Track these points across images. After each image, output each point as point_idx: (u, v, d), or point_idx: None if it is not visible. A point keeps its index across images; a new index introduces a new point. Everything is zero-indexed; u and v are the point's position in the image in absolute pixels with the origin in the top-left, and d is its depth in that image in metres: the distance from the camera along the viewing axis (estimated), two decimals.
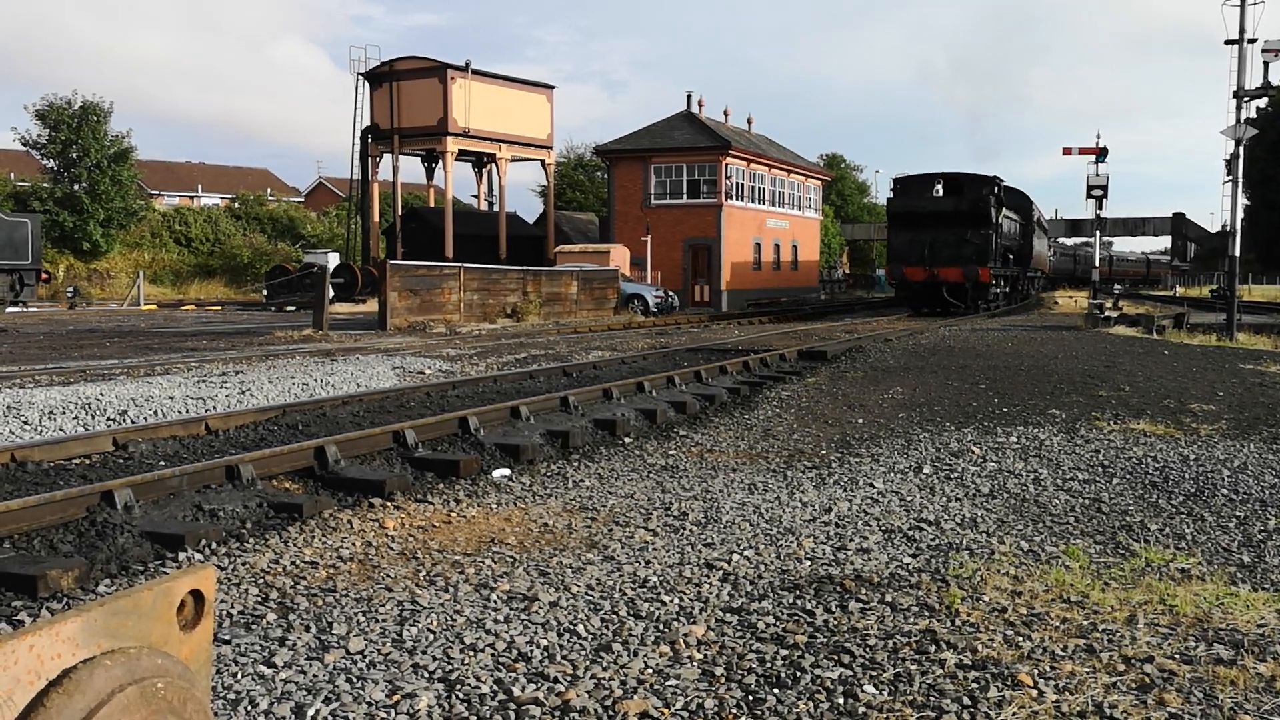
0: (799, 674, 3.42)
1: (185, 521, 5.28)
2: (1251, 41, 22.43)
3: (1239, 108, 22.28)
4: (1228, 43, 22.54)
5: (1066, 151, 40.83)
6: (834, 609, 4.04)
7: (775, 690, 3.30)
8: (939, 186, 33.85)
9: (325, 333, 20.07)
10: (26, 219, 31.21)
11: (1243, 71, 22.16)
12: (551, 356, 14.08)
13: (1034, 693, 3.26)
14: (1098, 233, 37.38)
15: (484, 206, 42.16)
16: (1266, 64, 24.25)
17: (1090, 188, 37.15)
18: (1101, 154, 37.95)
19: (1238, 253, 23.43)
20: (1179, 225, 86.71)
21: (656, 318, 29.43)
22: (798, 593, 4.25)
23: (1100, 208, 37.35)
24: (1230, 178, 23.72)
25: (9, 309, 29.29)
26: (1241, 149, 22.82)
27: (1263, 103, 44.39)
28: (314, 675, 3.41)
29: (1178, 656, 3.56)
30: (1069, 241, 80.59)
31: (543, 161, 39.30)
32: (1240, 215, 24.30)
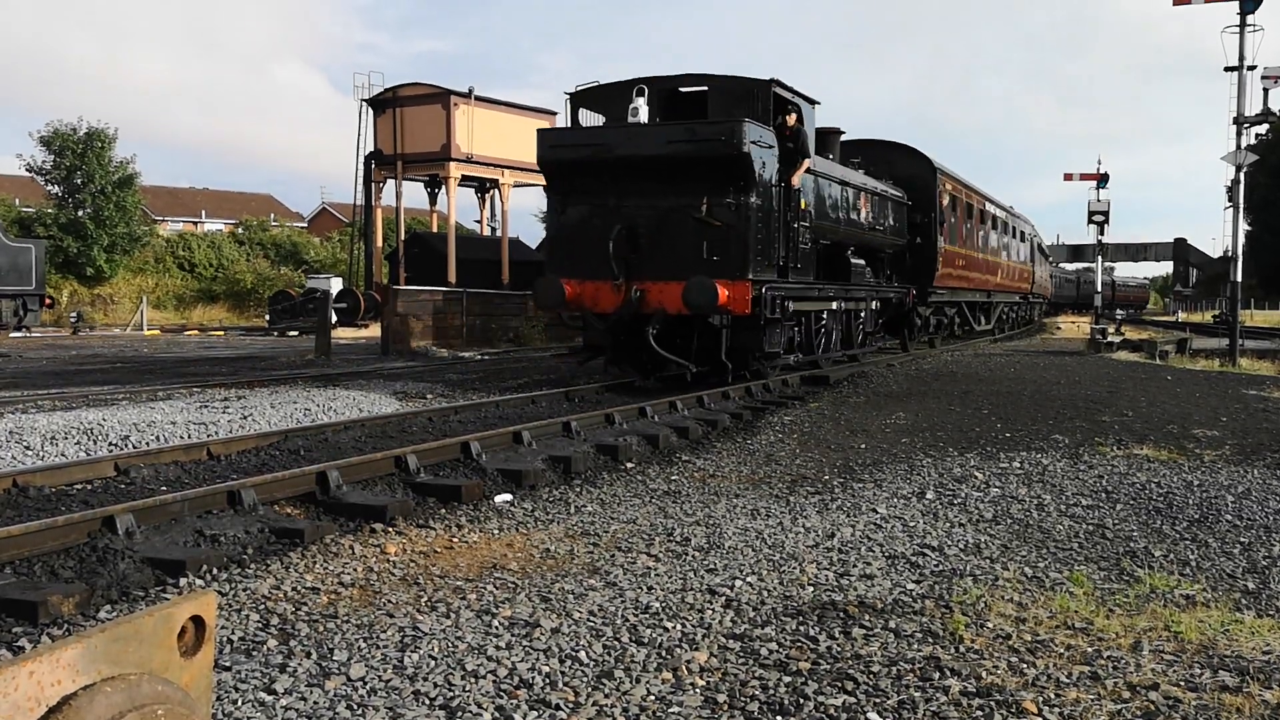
0: (802, 701, 3.40)
1: (186, 547, 5.27)
2: (1251, 68, 22.55)
3: (1239, 134, 22.36)
4: (1227, 69, 22.65)
5: (1068, 177, 40.94)
6: (837, 635, 4.02)
7: (778, 718, 3.29)
8: (641, 102, 13.09)
9: (328, 357, 20.09)
10: (31, 244, 31.29)
11: (1242, 98, 22.26)
12: (553, 381, 14.07)
13: None
14: (1099, 258, 37.43)
15: (487, 231, 42.38)
16: (1266, 91, 24.36)
17: (1092, 213, 37.23)
18: (1103, 179, 38.00)
19: (1239, 278, 23.45)
20: (1181, 250, 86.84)
21: None
22: (801, 619, 4.23)
23: (1102, 233, 37.41)
24: (1231, 203, 23.77)
25: (12, 334, 29.34)
26: (1242, 175, 22.89)
27: (1263, 129, 44.53)
28: (315, 702, 3.40)
29: (1183, 684, 3.54)
30: (1071, 267, 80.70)
31: (545, 187, 39.37)
32: (1242, 240, 24.33)
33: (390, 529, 5.80)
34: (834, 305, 15.39)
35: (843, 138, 17.51)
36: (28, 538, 4.98)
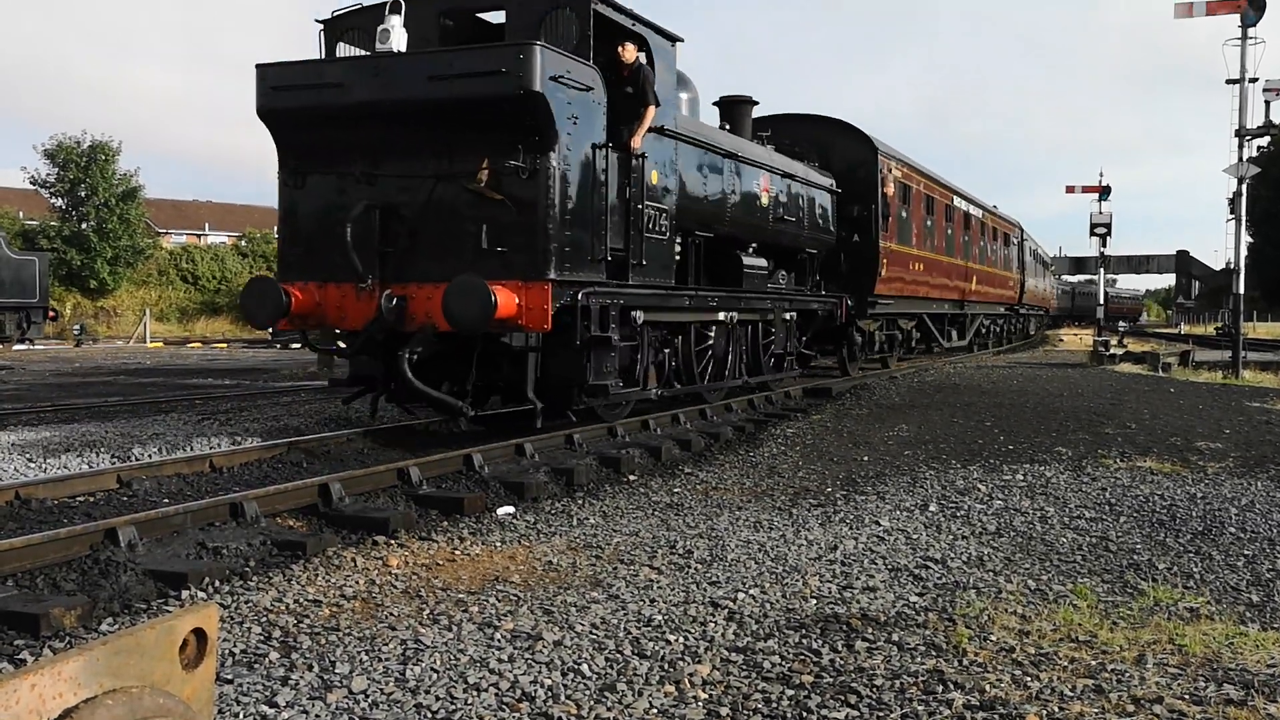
0: (805, 714, 3.38)
1: (189, 559, 5.26)
2: (1253, 81, 22.58)
3: (1240, 146, 22.38)
4: (1229, 82, 22.68)
5: (1070, 189, 40.99)
6: (840, 648, 4.01)
7: None
8: (395, 22, 8.94)
9: (330, 370, 20.07)
10: (35, 257, 31.38)
11: (1244, 110, 22.29)
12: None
13: None
14: (1102, 270, 37.44)
15: None
16: (1268, 103, 24.39)
17: (1094, 225, 37.24)
18: (1104, 192, 38.04)
19: (1242, 290, 23.44)
20: (1183, 263, 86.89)
21: None
22: (804, 632, 4.22)
23: (1104, 245, 37.42)
24: (1233, 216, 23.78)
25: (15, 346, 29.38)
26: (1244, 187, 22.90)
27: (1265, 141, 44.58)
28: (316, 715, 3.39)
29: (1187, 697, 3.52)
30: (1073, 279, 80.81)
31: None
32: (1244, 253, 24.33)
33: (392, 541, 5.79)
34: (721, 317, 11.66)
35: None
36: (30, 550, 4.98)
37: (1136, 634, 4.22)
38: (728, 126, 13.32)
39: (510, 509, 6.73)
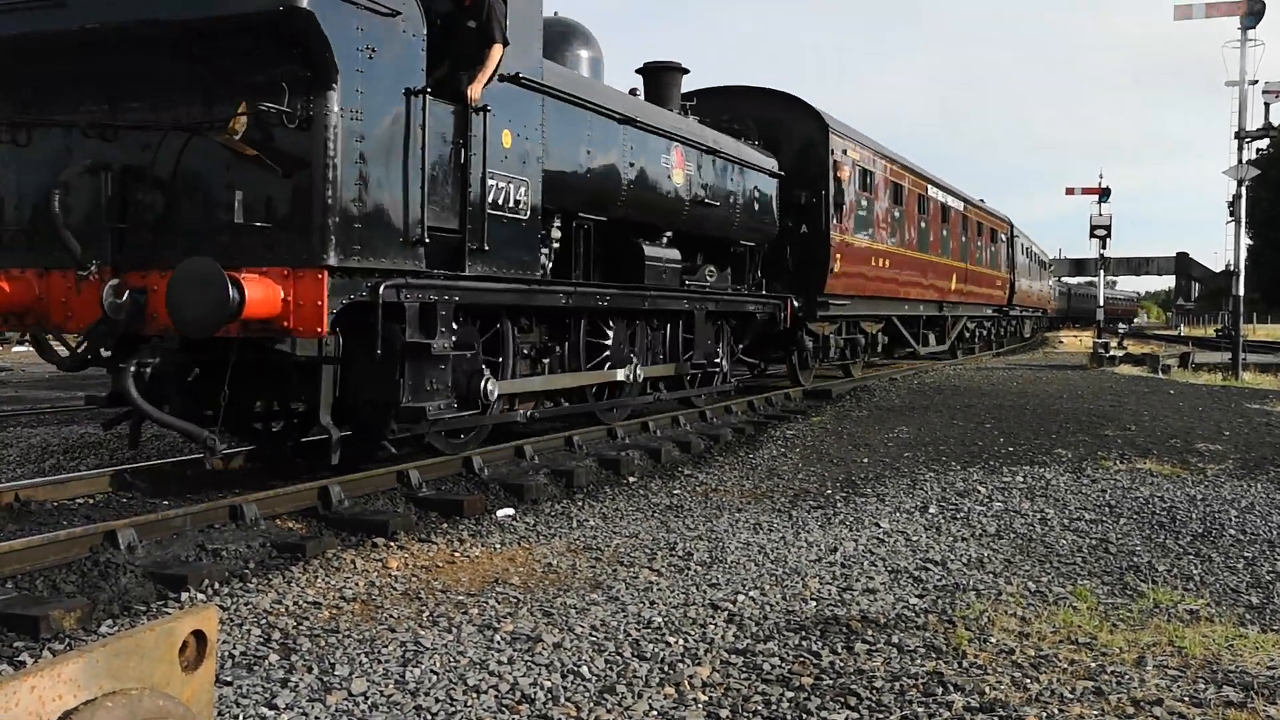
0: (805, 716, 3.38)
1: (188, 561, 5.26)
2: (1253, 83, 22.62)
3: (1240, 149, 22.41)
4: (1228, 84, 22.72)
5: (1070, 191, 41.04)
6: (840, 650, 4.01)
7: None
8: None
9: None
10: None
11: (1244, 113, 22.33)
12: None
13: None
14: (1101, 272, 37.46)
15: None
16: (1267, 105, 24.43)
17: (1094, 227, 37.25)
18: (1104, 193, 38.05)
19: (1242, 292, 23.47)
20: (1183, 265, 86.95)
21: None
22: (804, 634, 4.22)
23: (1104, 247, 37.43)
24: (1233, 218, 23.80)
25: (15, 348, 29.38)
26: (1244, 189, 22.92)
27: (1264, 143, 44.63)
28: (316, 717, 3.39)
29: (1187, 699, 3.52)
30: (1073, 281, 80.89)
31: None
32: (1244, 255, 24.35)
33: (392, 543, 5.79)
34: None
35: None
36: (30, 552, 4.97)
37: (1136, 636, 4.22)
38: (641, 96, 11.77)
39: (510, 511, 6.73)
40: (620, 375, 10.03)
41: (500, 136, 7.79)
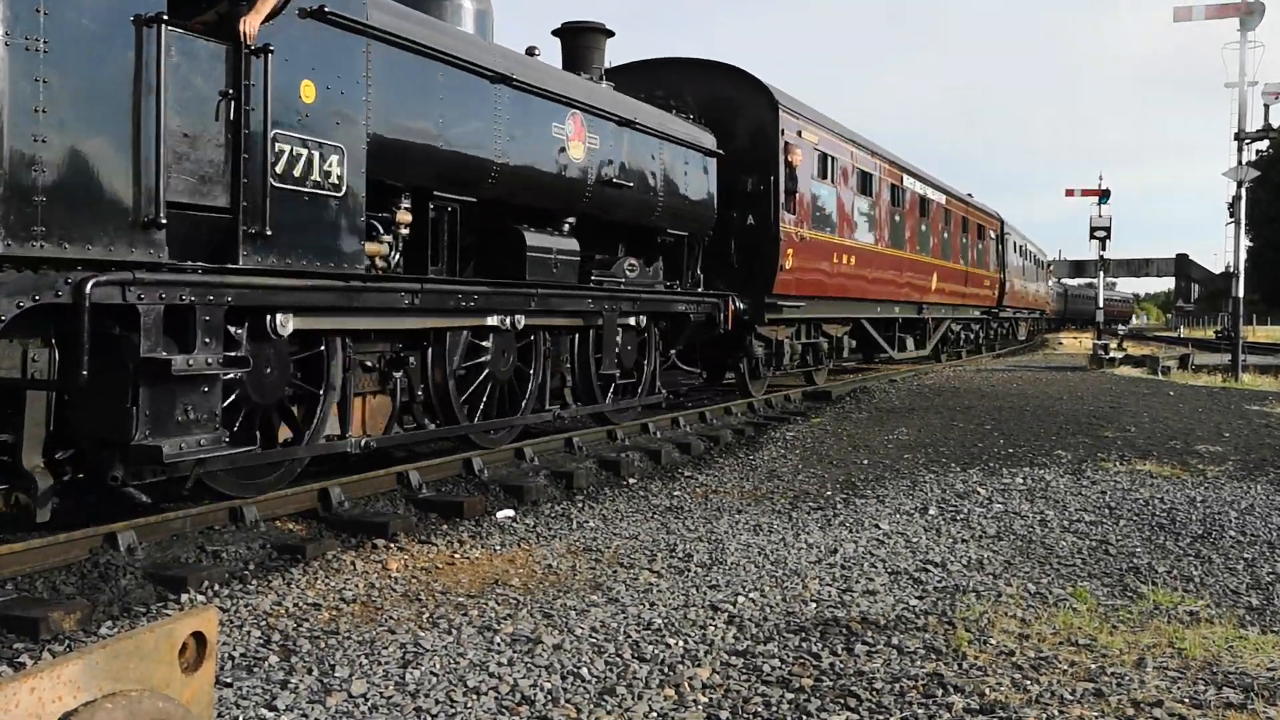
0: (805, 718, 3.38)
1: (188, 563, 5.26)
2: (1252, 84, 22.63)
3: (1240, 150, 22.42)
4: (1228, 85, 22.73)
5: (1069, 193, 41.05)
6: (840, 652, 4.01)
7: None
8: None
9: None
10: None
11: (1243, 114, 22.33)
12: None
13: None
14: (1101, 274, 37.46)
15: None
16: (1267, 107, 24.45)
17: (1093, 229, 37.24)
18: (1104, 195, 38.07)
19: (1241, 294, 23.47)
20: (1183, 266, 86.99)
21: None
22: (803, 635, 4.22)
23: (1104, 249, 37.44)
24: (1233, 219, 23.81)
25: None
26: (1244, 191, 22.93)
27: (1264, 145, 44.65)
28: (316, 718, 3.39)
29: (1187, 700, 3.52)
30: (1073, 282, 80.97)
31: None
32: (1244, 256, 24.36)
33: (392, 545, 5.79)
34: (493, 322, 8.06)
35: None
36: (30, 554, 4.97)
37: (1136, 637, 4.22)
38: (590, 76, 10.43)
39: (510, 512, 6.73)
40: (524, 389, 8.81)
41: (297, 88, 6.08)
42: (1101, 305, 36.61)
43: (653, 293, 10.68)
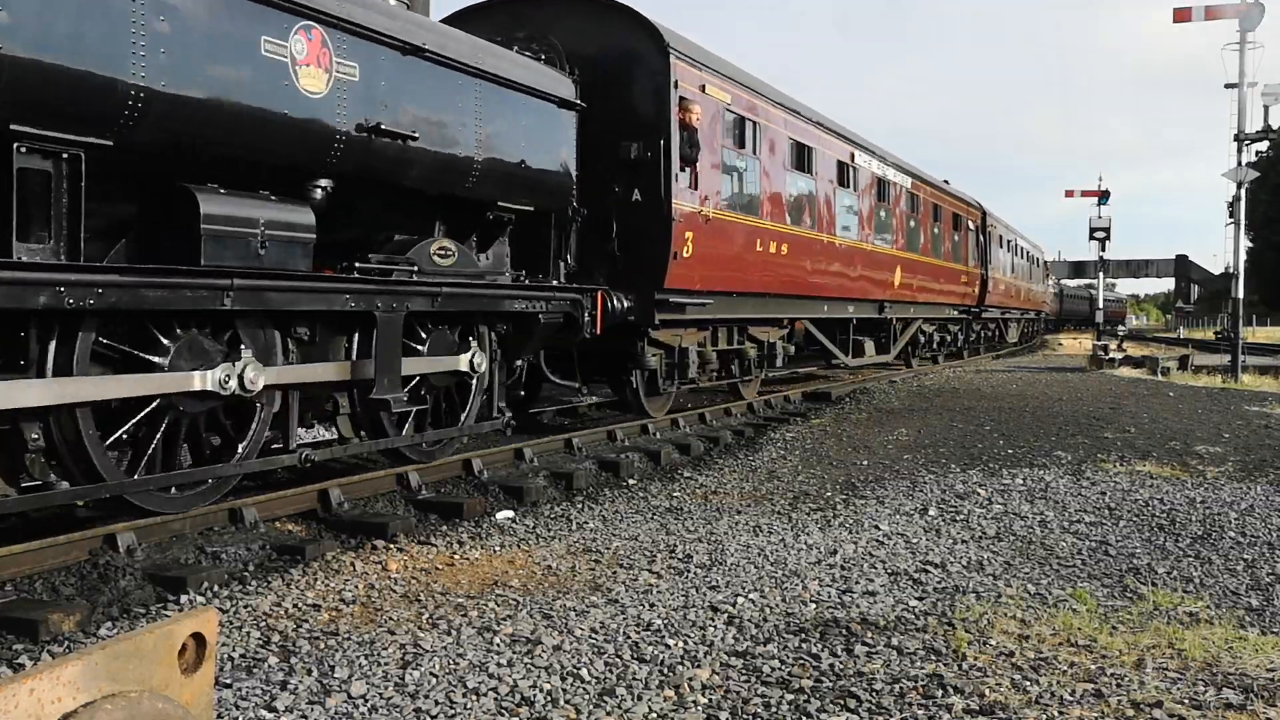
0: (805, 719, 3.38)
1: (188, 564, 5.26)
2: (1252, 85, 22.64)
3: (1240, 151, 22.43)
4: (1228, 86, 22.74)
5: (1069, 194, 41.07)
6: (840, 652, 4.01)
7: None
8: None
9: None
10: None
11: (1243, 115, 22.35)
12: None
13: None
14: (1101, 275, 37.46)
15: None
16: (1267, 108, 24.46)
17: (1093, 230, 37.24)
18: (1104, 196, 38.08)
19: (1241, 294, 23.48)
20: (1182, 267, 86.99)
21: None
22: (803, 636, 4.22)
23: (1103, 249, 37.44)
24: (1233, 220, 23.82)
25: None
26: (1243, 192, 22.94)
27: (1264, 145, 44.67)
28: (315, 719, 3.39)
29: (1187, 701, 3.52)
30: (1072, 283, 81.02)
31: None
32: (1243, 257, 24.37)
33: (391, 546, 5.79)
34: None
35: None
36: (29, 555, 4.97)
37: (1136, 638, 4.21)
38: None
39: (510, 513, 6.73)
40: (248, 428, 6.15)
41: None
42: (1101, 306, 36.61)
43: (468, 286, 7.67)
